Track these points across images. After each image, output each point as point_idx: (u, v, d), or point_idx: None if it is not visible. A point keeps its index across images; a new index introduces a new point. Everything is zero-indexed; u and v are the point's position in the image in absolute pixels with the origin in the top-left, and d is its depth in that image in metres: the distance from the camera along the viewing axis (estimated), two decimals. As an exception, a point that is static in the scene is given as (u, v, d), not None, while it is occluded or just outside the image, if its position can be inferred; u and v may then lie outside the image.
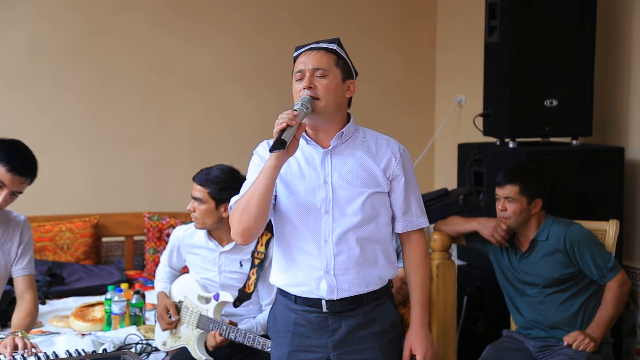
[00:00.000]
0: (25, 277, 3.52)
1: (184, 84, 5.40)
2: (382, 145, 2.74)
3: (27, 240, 3.55)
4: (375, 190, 2.69)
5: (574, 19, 4.24)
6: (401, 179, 2.73)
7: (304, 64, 2.71)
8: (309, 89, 2.65)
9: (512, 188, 3.63)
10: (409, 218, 2.77)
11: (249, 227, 2.62)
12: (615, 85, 4.47)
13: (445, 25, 5.79)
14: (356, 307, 2.70)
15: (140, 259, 5.25)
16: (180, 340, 3.58)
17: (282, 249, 2.73)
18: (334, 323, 2.70)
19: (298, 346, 2.73)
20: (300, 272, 2.69)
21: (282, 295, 2.78)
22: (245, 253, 3.65)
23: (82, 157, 5.24)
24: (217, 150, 5.26)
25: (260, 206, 2.58)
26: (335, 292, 2.66)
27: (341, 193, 2.66)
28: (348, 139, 2.72)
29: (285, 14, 5.58)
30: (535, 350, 3.65)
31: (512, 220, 3.65)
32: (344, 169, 2.68)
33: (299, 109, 2.58)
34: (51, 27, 5.13)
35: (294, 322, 2.73)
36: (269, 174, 2.57)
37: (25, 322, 3.42)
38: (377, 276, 2.72)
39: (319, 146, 2.70)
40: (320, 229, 2.66)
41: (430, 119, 5.87)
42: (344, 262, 2.66)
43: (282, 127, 2.52)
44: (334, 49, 2.71)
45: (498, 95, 4.30)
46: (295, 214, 2.67)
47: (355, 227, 2.66)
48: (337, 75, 2.69)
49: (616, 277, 3.60)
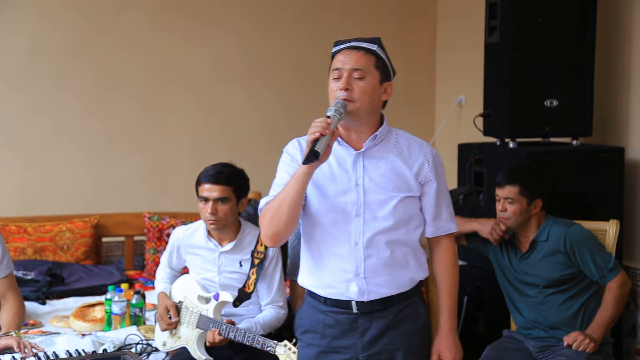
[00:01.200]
0: (4, 279, 3.43)
1: (183, 84, 5.40)
2: (414, 148, 2.70)
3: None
4: (407, 194, 2.66)
5: (574, 19, 4.24)
6: (433, 183, 2.70)
7: (342, 63, 2.63)
8: (345, 91, 2.59)
9: (512, 189, 3.63)
10: (439, 223, 2.75)
11: (279, 231, 2.59)
12: (616, 85, 4.47)
13: (446, 26, 5.79)
14: (386, 308, 2.68)
15: (141, 259, 5.25)
16: (180, 341, 3.58)
17: (311, 250, 2.70)
18: (365, 324, 2.67)
19: (327, 347, 2.70)
20: (330, 274, 2.66)
21: (310, 297, 2.75)
22: (245, 253, 3.65)
23: (82, 157, 5.24)
24: (216, 150, 5.26)
25: (291, 211, 2.55)
26: (365, 294, 2.64)
27: (372, 196, 2.63)
28: (381, 141, 2.68)
29: (285, 15, 5.58)
30: (536, 351, 3.65)
31: (512, 220, 3.65)
32: (375, 172, 2.64)
33: (333, 116, 2.52)
34: (51, 28, 5.13)
35: (323, 323, 2.71)
36: (300, 181, 2.53)
37: (15, 320, 3.35)
38: (408, 278, 2.70)
39: (351, 148, 2.66)
40: (350, 232, 2.63)
41: (431, 119, 5.87)
42: (374, 265, 2.63)
43: (315, 137, 2.47)
44: (374, 50, 2.66)
45: (498, 95, 4.30)
46: (326, 216, 2.64)
47: (386, 230, 2.63)
48: (375, 77, 2.64)
49: (616, 277, 3.60)
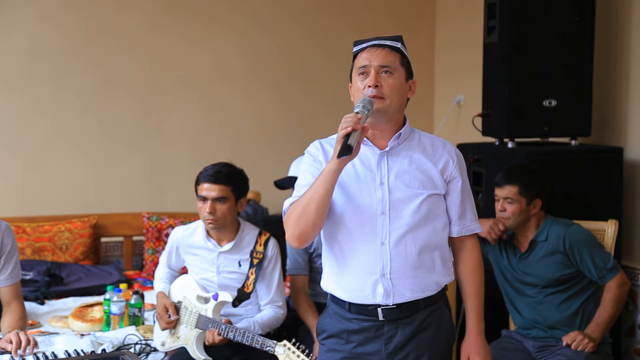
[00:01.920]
0: (11, 286, 3.43)
1: (183, 84, 5.40)
2: (438, 147, 2.68)
3: (10, 248, 3.42)
4: (433, 192, 2.63)
5: (573, 19, 4.24)
6: (458, 181, 2.67)
7: (369, 60, 2.61)
8: (375, 88, 2.58)
9: (511, 189, 3.63)
10: (464, 222, 2.71)
11: (306, 231, 2.55)
12: (614, 86, 4.47)
13: (445, 26, 5.79)
14: (412, 314, 2.63)
15: (139, 259, 5.25)
16: (179, 341, 3.58)
17: (334, 253, 2.65)
18: (390, 331, 2.63)
19: (350, 353, 2.65)
20: (355, 276, 2.61)
21: (334, 304, 2.71)
22: (244, 253, 3.65)
23: (82, 157, 5.24)
24: (216, 150, 5.26)
25: (319, 210, 2.52)
26: (391, 296, 2.59)
27: (398, 194, 2.60)
28: (404, 140, 2.66)
29: (284, 15, 5.58)
30: (535, 351, 3.65)
31: (512, 220, 3.64)
32: (400, 170, 2.62)
33: (361, 112, 2.50)
34: (51, 28, 5.13)
35: (347, 330, 2.66)
36: (329, 178, 2.50)
37: (18, 324, 3.34)
38: (434, 282, 2.66)
39: (375, 147, 2.64)
40: (376, 231, 2.59)
41: (430, 119, 5.88)
42: (401, 266, 2.59)
43: (347, 131, 2.45)
44: (398, 47, 2.65)
45: (497, 95, 4.30)
46: (351, 215, 2.60)
47: (413, 228, 2.59)
48: (401, 74, 2.63)
49: (615, 277, 3.60)
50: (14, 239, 3.47)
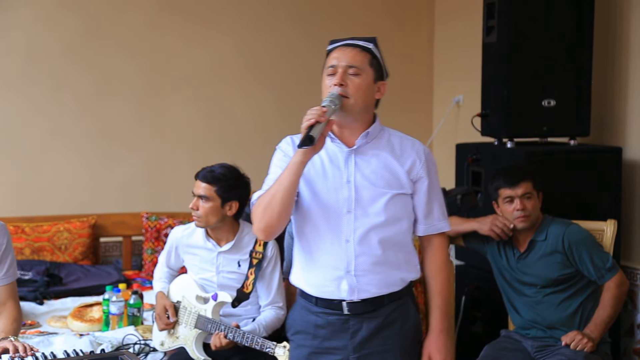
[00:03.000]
0: (6, 286, 3.35)
1: (181, 84, 5.40)
2: (406, 146, 2.71)
3: (5, 247, 3.35)
4: (399, 191, 2.66)
5: (572, 19, 4.24)
6: (425, 181, 2.70)
7: (337, 60, 2.66)
8: (340, 86, 2.62)
9: (527, 184, 3.63)
10: (430, 221, 2.74)
11: (271, 224, 2.59)
12: (613, 86, 4.47)
13: (443, 26, 5.79)
14: (377, 309, 2.67)
15: (138, 259, 5.25)
16: (179, 341, 3.57)
17: (303, 248, 2.70)
18: (355, 325, 2.67)
19: (318, 348, 2.70)
20: (321, 272, 2.66)
21: (302, 298, 2.75)
22: (244, 253, 3.64)
23: (80, 157, 5.23)
24: (214, 150, 5.26)
25: (284, 202, 2.55)
26: (355, 292, 2.64)
27: (364, 193, 2.63)
28: (373, 139, 2.69)
29: (281, 15, 5.58)
30: (534, 350, 3.65)
31: (533, 216, 3.64)
32: (367, 169, 2.65)
33: (327, 105, 2.55)
34: (48, 28, 5.12)
35: (314, 324, 2.70)
36: (294, 170, 2.54)
37: (12, 327, 3.30)
38: (399, 278, 2.69)
39: (343, 145, 2.67)
40: (341, 229, 2.63)
41: (429, 119, 5.87)
42: (365, 263, 2.63)
43: (310, 123, 2.50)
44: (369, 48, 2.68)
45: (496, 95, 4.30)
46: (317, 212, 2.64)
47: (378, 227, 2.63)
48: (369, 75, 2.66)
49: (614, 277, 3.60)
50: (9, 238, 3.45)
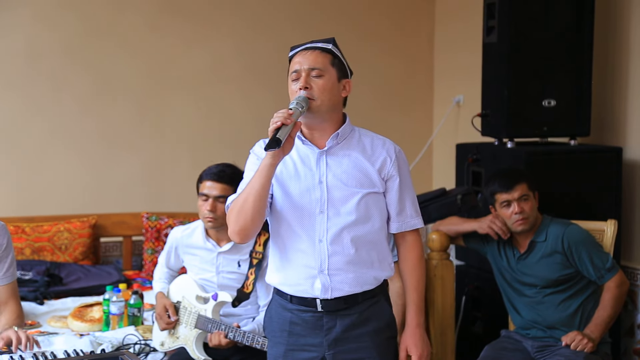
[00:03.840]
0: (6, 286, 3.40)
1: (181, 85, 5.40)
2: (377, 145, 2.75)
3: (5, 247, 3.39)
4: (370, 190, 2.69)
5: (572, 19, 4.24)
6: (396, 179, 2.73)
7: (299, 64, 2.72)
8: (305, 89, 2.66)
9: (523, 187, 3.64)
10: (403, 219, 2.77)
11: (245, 227, 2.63)
12: (613, 86, 4.47)
13: (444, 26, 5.79)
14: (351, 306, 2.70)
15: (139, 259, 5.25)
16: (179, 341, 3.58)
17: (278, 248, 2.74)
18: (329, 322, 2.70)
19: (293, 345, 2.74)
20: (295, 271, 2.70)
21: (277, 295, 2.79)
22: (244, 253, 3.65)
23: (80, 158, 5.23)
24: (214, 150, 5.25)
25: (256, 205, 2.60)
26: (329, 291, 2.67)
27: (336, 193, 2.67)
28: (344, 139, 2.72)
29: (281, 16, 5.58)
30: (534, 351, 3.66)
31: (532, 218, 3.64)
32: (339, 169, 2.69)
33: (294, 108, 2.60)
34: (48, 29, 5.12)
35: (289, 322, 2.74)
36: (265, 173, 2.58)
37: (16, 322, 3.33)
38: (372, 277, 2.72)
39: (314, 146, 2.71)
40: (315, 229, 2.66)
41: (429, 119, 5.87)
42: (338, 262, 2.66)
43: (277, 125, 2.54)
44: (329, 49, 2.72)
45: (496, 95, 4.30)
46: (291, 213, 2.68)
47: (350, 226, 2.66)
48: (332, 75, 2.70)
49: (614, 277, 3.60)
50: (9, 238, 3.46)
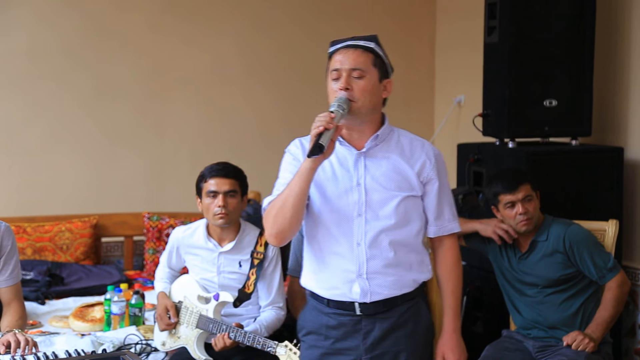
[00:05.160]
0: (11, 287, 3.42)
1: (182, 85, 5.40)
2: (416, 147, 2.70)
3: (10, 249, 3.41)
4: (409, 193, 2.65)
5: (573, 19, 4.24)
6: (435, 182, 2.69)
7: (340, 63, 2.63)
8: (345, 91, 2.59)
9: (526, 187, 3.63)
10: (441, 223, 2.74)
11: (283, 229, 2.59)
12: (615, 86, 4.47)
13: (445, 26, 5.79)
14: (390, 309, 2.67)
15: (140, 259, 5.25)
16: (180, 341, 3.58)
17: (314, 251, 2.69)
18: (368, 325, 2.66)
19: (330, 349, 2.70)
20: (333, 275, 2.65)
21: (313, 299, 2.75)
22: (245, 253, 3.65)
23: (82, 157, 5.24)
24: (215, 150, 5.25)
25: (295, 208, 2.55)
26: (368, 295, 2.63)
27: (374, 196, 2.62)
28: (382, 141, 2.68)
29: (283, 16, 5.58)
30: (535, 351, 3.65)
31: (535, 218, 3.64)
32: (377, 171, 2.64)
33: (336, 111, 2.53)
34: (50, 28, 5.13)
35: (325, 325, 2.70)
36: (304, 177, 2.53)
37: (18, 324, 3.34)
38: (411, 279, 2.69)
39: (352, 147, 2.66)
40: (352, 232, 2.62)
41: (430, 118, 5.87)
42: (376, 266, 2.62)
43: (319, 130, 2.48)
44: (372, 48, 2.66)
45: (497, 95, 4.30)
46: (328, 216, 2.63)
47: (388, 229, 2.62)
48: (374, 75, 2.64)
49: (615, 277, 3.60)
50: (14, 240, 3.47)
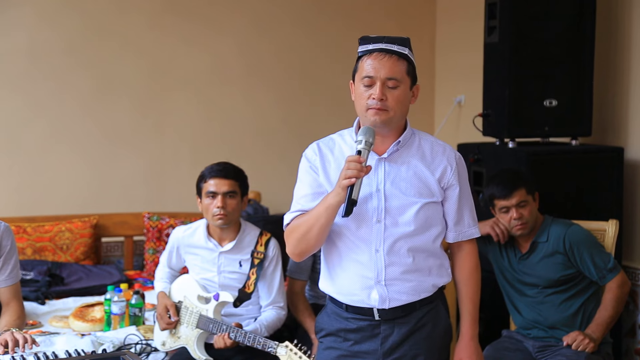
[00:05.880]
0: (10, 287, 3.42)
1: (182, 85, 5.40)
2: (437, 152, 2.66)
3: (9, 249, 3.41)
4: (429, 200, 2.62)
5: (573, 19, 4.24)
6: (456, 188, 2.66)
7: (375, 71, 2.56)
8: (380, 101, 2.55)
9: (520, 192, 3.62)
10: (460, 228, 2.71)
11: (307, 251, 2.61)
12: (615, 85, 4.47)
13: (445, 26, 5.79)
14: (408, 314, 2.65)
15: (140, 259, 5.25)
16: (180, 340, 3.58)
17: (332, 257, 2.67)
18: (387, 330, 2.65)
19: (347, 351, 2.68)
20: (351, 281, 2.63)
21: (332, 303, 2.73)
22: (245, 253, 3.65)
23: (82, 157, 5.24)
24: (215, 150, 5.26)
25: (319, 235, 2.56)
26: (386, 302, 2.61)
27: (394, 202, 2.59)
28: (403, 146, 2.64)
29: (283, 16, 5.58)
30: (535, 351, 3.65)
31: (531, 222, 3.63)
32: (397, 177, 2.61)
33: (363, 150, 2.49)
34: (51, 28, 5.13)
35: (344, 329, 2.68)
36: (331, 211, 2.52)
37: (16, 323, 3.33)
38: (430, 284, 2.67)
39: (374, 153, 2.62)
40: (371, 238, 2.59)
41: (430, 118, 5.88)
42: (395, 272, 2.60)
43: (351, 182, 2.45)
44: (406, 55, 2.60)
45: (497, 95, 4.30)
46: (348, 222, 2.60)
47: (407, 236, 2.59)
48: (407, 84, 2.61)
49: (616, 277, 3.60)
50: (14, 240, 3.47)
